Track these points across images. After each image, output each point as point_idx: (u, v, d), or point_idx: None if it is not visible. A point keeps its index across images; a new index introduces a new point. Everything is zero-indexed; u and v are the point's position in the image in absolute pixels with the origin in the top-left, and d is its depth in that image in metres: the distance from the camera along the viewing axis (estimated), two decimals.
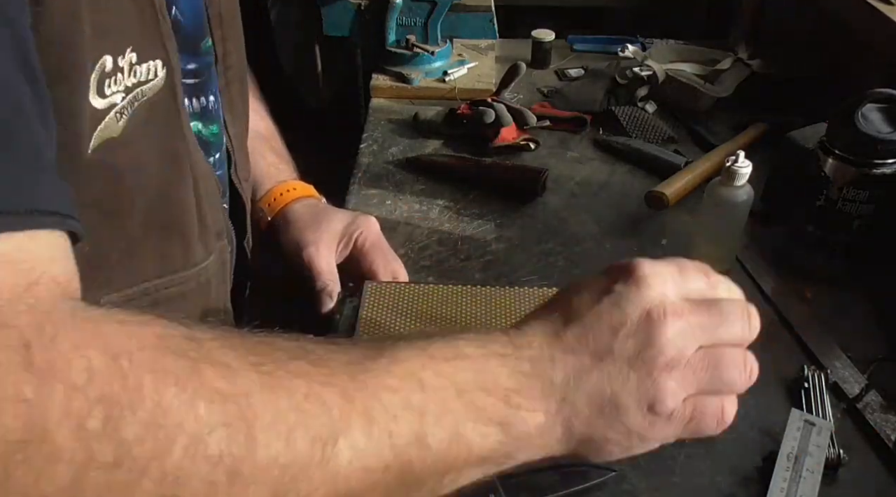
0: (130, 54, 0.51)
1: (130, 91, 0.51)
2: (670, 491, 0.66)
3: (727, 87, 1.25)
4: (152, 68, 0.53)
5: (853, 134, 0.83)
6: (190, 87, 0.64)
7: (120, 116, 0.51)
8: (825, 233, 0.88)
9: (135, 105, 0.52)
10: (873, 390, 0.75)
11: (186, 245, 0.61)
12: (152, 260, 0.59)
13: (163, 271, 0.60)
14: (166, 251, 0.60)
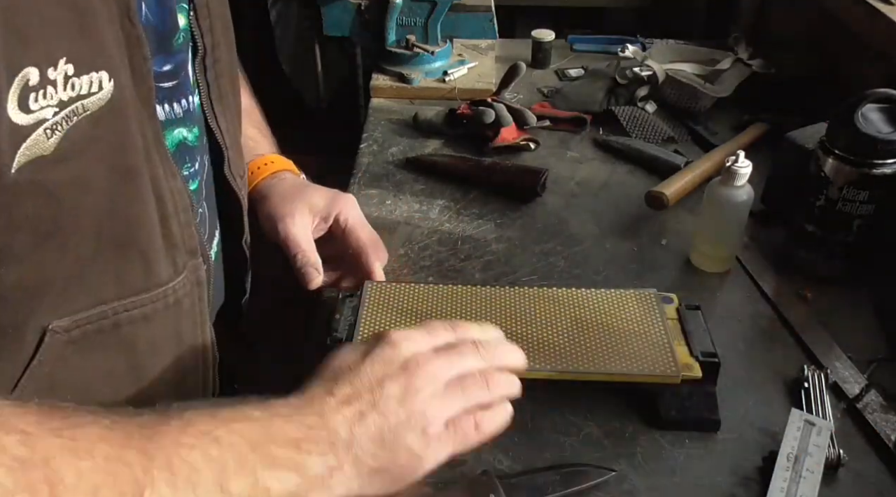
0: (65, 66, 0.47)
1: (66, 106, 0.48)
2: (670, 491, 0.66)
3: (727, 87, 1.25)
4: (95, 81, 0.49)
5: (853, 134, 0.83)
6: (167, 92, 0.62)
7: (51, 133, 0.47)
8: (825, 233, 0.88)
9: (73, 120, 0.49)
10: (873, 390, 0.75)
11: (147, 264, 0.59)
12: (108, 281, 0.56)
13: (121, 293, 0.57)
14: (124, 271, 0.57)
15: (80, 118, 0.49)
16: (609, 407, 0.74)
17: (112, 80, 0.51)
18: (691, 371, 0.71)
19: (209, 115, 0.69)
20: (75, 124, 0.49)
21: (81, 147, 0.50)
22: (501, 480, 0.63)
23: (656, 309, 0.78)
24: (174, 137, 0.64)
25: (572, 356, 0.73)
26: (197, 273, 0.65)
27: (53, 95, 0.47)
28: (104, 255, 0.55)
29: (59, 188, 0.50)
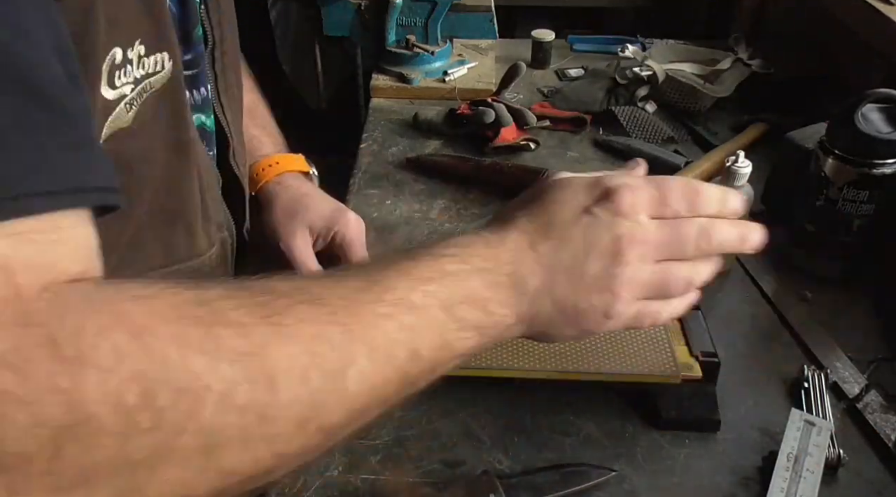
0: (139, 46, 0.52)
1: (139, 83, 0.52)
2: (670, 491, 0.66)
3: (727, 87, 1.25)
4: (159, 60, 0.54)
5: (853, 134, 0.83)
6: (188, 79, 0.65)
7: (130, 107, 0.52)
8: (825, 233, 0.88)
9: (143, 96, 0.53)
10: (873, 390, 0.75)
11: (190, 235, 0.62)
12: (158, 248, 0.60)
13: (168, 260, 0.61)
14: (171, 240, 0.61)
15: (148, 95, 0.53)
16: (609, 407, 0.74)
17: (171, 60, 0.55)
18: (691, 371, 0.71)
19: (216, 105, 0.71)
20: (146, 100, 0.53)
21: (148, 122, 0.54)
22: (501, 480, 0.64)
23: None
24: (196, 122, 0.67)
25: (572, 356, 0.73)
26: (224, 246, 0.69)
27: (131, 73, 0.51)
28: (157, 224, 0.58)
29: (131, 159, 0.53)
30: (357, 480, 0.67)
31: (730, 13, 1.72)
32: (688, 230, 0.54)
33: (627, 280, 0.52)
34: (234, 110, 0.75)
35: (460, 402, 0.74)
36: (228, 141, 0.74)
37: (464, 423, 0.72)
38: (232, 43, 0.73)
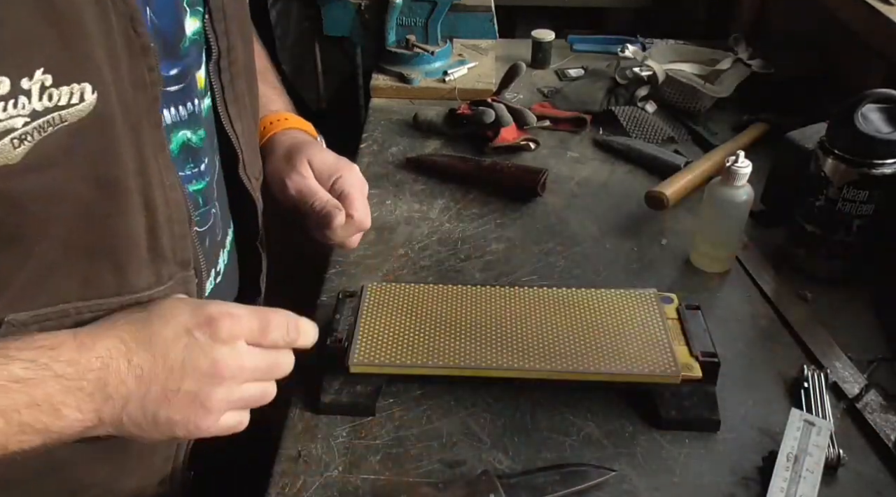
0: (42, 76, 0.47)
1: (40, 116, 0.48)
2: (670, 491, 0.66)
3: (727, 87, 1.25)
4: (76, 92, 0.49)
5: (853, 134, 0.83)
6: (173, 95, 0.62)
7: (19, 142, 0.47)
8: (825, 233, 0.88)
9: (48, 130, 0.48)
10: (873, 390, 0.75)
11: (121, 272, 0.58)
12: (74, 285, 0.56)
13: (86, 295, 0.57)
14: (92, 277, 0.57)
15: (56, 129, 0.49)
16: (609, 407, 0.74)
17: (96, 92, 0.50)
18: (691, 371, 0.71)
19: (223, 118, 0.69)
20: (50, 134, 0.49)
21: (55, 158, 0.50)
22: (501, 480, 0.64)
23: (656, 309, 0.78)
24: (178, 139, 0.64)
25: (572, 356, 0.73)
26: (186, 285, 0.65)
27: (26, 105, 0.47)
28: (72, 261, 0.55)
29: (24, 197, 0.50)
30: (357, 480, 0.67)
31: (730, 13, 1.72)
32: (279, 360, 0.60)
33: (220, 399, 0.56)
34: (244, 121, 0.73)
35: (460, 402, 0.74)
36: (238, 154, 0.72)
37: (464, 423, 0.72)
38: (243, 52, 0.71)
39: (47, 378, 0.50)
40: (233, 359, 0.56)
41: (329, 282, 0.91)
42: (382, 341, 0.74)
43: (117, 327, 0.54)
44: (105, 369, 0.52)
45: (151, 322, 0.55)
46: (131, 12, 0.52)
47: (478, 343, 0.74)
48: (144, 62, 0.54)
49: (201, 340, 0.55)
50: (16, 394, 0.49)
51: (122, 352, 0.53)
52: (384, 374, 0.73)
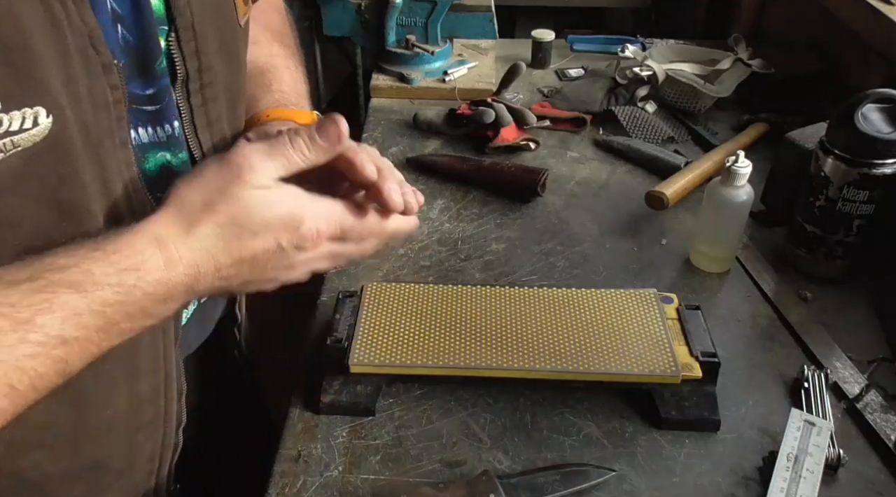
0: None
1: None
2: (670, 491, 0.66)
3: (727, 87, 1.25)
4: (29, 116, 0.48)
5: (853, 134, 0.83)
6: (149, 115, 0.60)
7: None
8: (825, 233, 0.88)
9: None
10: (873, 390, 0.75)
11: None
12: None
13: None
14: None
15: (7, 155, 0.48)
16: (609, 407, 0.74)
17: (51, 116, 0.49)
18: (691, 371, 0.71)
19: (192, 142, 0.65)
20: (2, 161, 0.48)
21: (8, 184, 0.49)
22: (501, 480, 0.64)
23: (656, 309, 0.78)
24: (156, 160, 0.62)
25: (572, 356, 0.73)
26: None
27: None
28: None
29: None
30: (357, 480, 0.67)
31: (730, 13, 1.72)
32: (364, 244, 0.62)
33: (302, 259, 0.58)
34: (219, 147, 0.68)
35: (460, 402, 0.74)
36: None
37: (464, 423, 0.72)
38: (226, 73, 0.67)
39: (139, 297, 0.52)
40: (310, 256, 0.58)
41: (329, 282, 0.91)
42: (382, 341, 0.74)
43: (209, 239, 0.54)
44: (194, 279, 0.54)
45: (242, 235, 0.55)
46: (89, 30, 0.51)
47: (478, 343, 0.74)
48: (106, 80, 0.53)
49: (288, 249, 0.57)
50: (112, 314, 0.51)
51: (211, 267, 0.54)
52: (384, 374, 0.73)
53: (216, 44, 0.65)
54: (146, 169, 0.61)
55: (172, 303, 0.54)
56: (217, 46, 0.65)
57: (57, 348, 0.49)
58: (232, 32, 0.68)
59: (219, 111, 0.67)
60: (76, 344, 0.50)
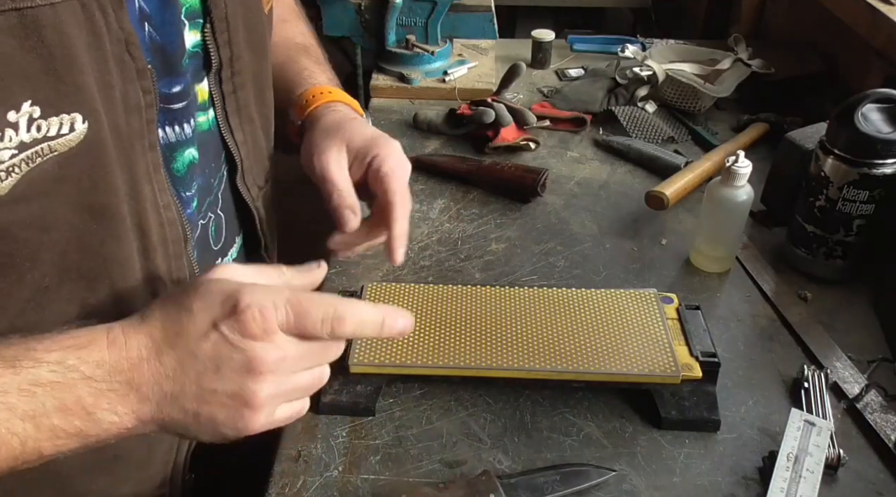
0: (30, 108, 0.47)
1: (28, 148, 0.48)
2: (670, 491, 0.66)
3: (727, 87, 1.25)
4: (65, 122, 0.49)
5: (853, 134, 0.83)
6: (176, 113, 0.61)
7: (6, 175, 0.47)
8: (825, 233, 0.88)
9: (36, 161, 0.48)
10: (873, 390, 0.75)
11: (117, 294, 0.57)
12: (72, 307, 0.56)
13: (86, 315, 0.56)
14: (88, 300, 0.56)
15: (45, 159, 0.49)
16: (609, 407, 0.74)
17: (86, 121, 0.50)
18: (691, 371, 0.71)
19: (223, 128, 0.68)
20: (39, 165, 0.48)
21: (44, 187, 0.49)
22: (501, 480, 0.64)
23: (656, 309, 0.78)
24: (185, 159, 0.63)
25: (572, 356, 0.73)
26: None
27: (13, 138, 0.47)
28: (68, 285, 0.54)
29: (13, 227, 0.49)
30: (357, 480, 0.67)
31: (730, 13, 1.72)
32: (327, 348, 0.54)
33: (266, 396, 0.51)
34: (248, 131, 0.71)
35: (460, 402, 0.74)
36: (238, 163, 0.71)
37: (464, 423, 0.72)
38: (252, 58, 0.69)
39: (76, 380, 0.48)
40: (269, 353, 0.50)
41: (329, 282, 0.91)
42: (382, 341, 0.74)
43: (150, 321, 0.51)
44: (136, 370, 0.49)
45: (180, 316, 0.51)
46: (126, 36, 0.52)
47: (478, 343, 0.74)
48: (139, 85, 0.54)
49: (230, 336, 0.50)
50: (43, 397, 0.47)
51: (153, 350, 0.50)
52: (384, 374, 0.73)
53: (245, 33, 0.67)
54: (174, 169, 0.62)
55: (114, 402, 0.49)
56: (246, 35, 0.67)
57: None
58: (259, 20, 0.70)
59: (247, 97, 0.70)
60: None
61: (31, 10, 0.46)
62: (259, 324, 0.50)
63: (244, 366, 0.50)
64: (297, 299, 0.51)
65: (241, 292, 0.51)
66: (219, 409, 0.51)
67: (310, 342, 0.53)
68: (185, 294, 0.52)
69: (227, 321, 0.50)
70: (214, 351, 0.50)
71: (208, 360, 0.50)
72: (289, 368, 0.52)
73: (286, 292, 0.52)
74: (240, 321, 0.50)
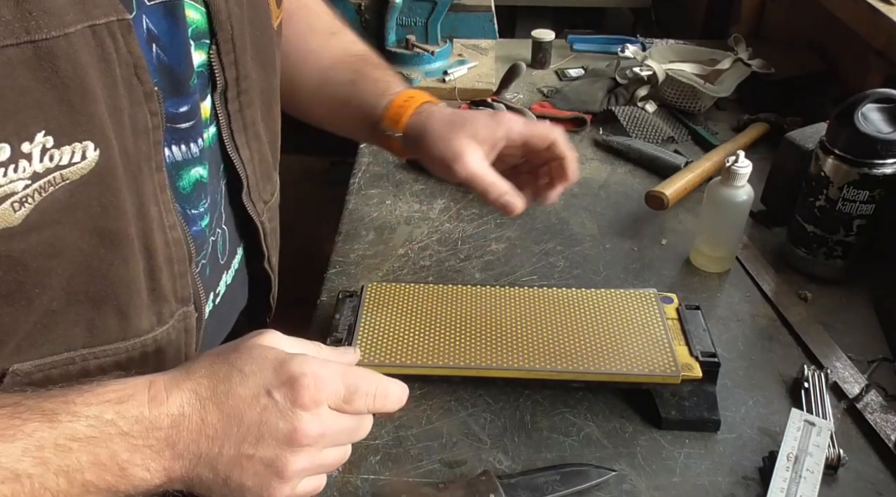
0: (43, 138, 0.47)
1: (41, 177, 0.47)
2: (670, 491, 0.66)
3: (727, 87, 1.25)
4: (77, 151, 0.49)
5: (853, 134, 0.83)
6: (183, 133, 0.61)
7: (20, 205, 0.47)
8: (825, 233, 0.88)
9: (48, 190, 0.48)
10: (873, 390, 0.75)
11: (124, 317, 0.57)
12: (78, 332, 0.55)
13: (92, 341, 0.56)
14: (97, 323, 0.56)
15: (57, 188, 0.49)
16: (609, 407, 0.74)
17: (98, 149, 0.50)
18: (691, 371, 0.71)
19: (229, 146, 0.67)
20: (51, 194, 0.48)
21: (55, 216, 0.49)
22: (501, 480, 0.64)
23: (656, 309, 0.78)
24: (191, 177, 0.63)
25: (572, 356, 0.73)
26: (186, 321, 0.63)
27: (27, 168, 0.47)
28: (75, 309, 0.54)
29: (25, 256, 0.49)
30: (357, 480, 0.67)
31: (730, 13, 1.72)
32: (362, 424, 0.56)
33: (297, 468, 0.52)
34: (255, 148, 0.70)
35: (460, 402, 0.74)
36: (244, 179, 0.70)
37: (464, 423, 0.72)
38: (261, 78, 0.69)
39: (113, 436, 0.48)
40: (314, 426, 0.51)
41: (329, 282, 0.91)
42: (382, 341, 0.74)
43: (195, 378, 0.51)
44: (175, 428, 0.49)
45: (231, 377, 0.51)
46: (135, 60, 0.51)
47: (477, 343, 0.74)
48: (147, 107, 0.53)
49: (281, 404, 0.50)
50: (79, 453, 0.47)
51: (196, 408, 0.50)
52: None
53: (253, 52, 0.66)
54: (180, 187, 0.62)
55: (148, 458, 0.49)
56: (253, 54, 0.67)
57: (5, 483, 0.45)
58: (267, 37, 0.70)
59: (254, 115, 0.69)
60: (28, 483, 0.46)
61: (46, 42, 0.45)
62: (312, 394, 0.51)
63: (287, 435, 0.51)
64: (348, 372, 0.53)
65: (295, 361, 0.52)
66: (250, 475, 0.51)
67: (349, 417, 0.54)
68: (237, 354, 0.53)
69: (282, 389, 0.51)
70: (262, 416, 0.50)
71: (253, 425, 0.50)
72: (324, 444, 0.53)
73: (336, 365, 0.54)
74: (294, 389, 0.50)
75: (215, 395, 0.51)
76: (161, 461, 0.49)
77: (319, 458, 0.53)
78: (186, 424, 0.50)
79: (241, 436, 0.50)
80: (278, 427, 0.50)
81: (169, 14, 0.56)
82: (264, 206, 0.76)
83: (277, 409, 0.50)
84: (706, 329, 0.76)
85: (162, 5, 0.55)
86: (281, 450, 0.51)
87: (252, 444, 0.50)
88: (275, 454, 0.51)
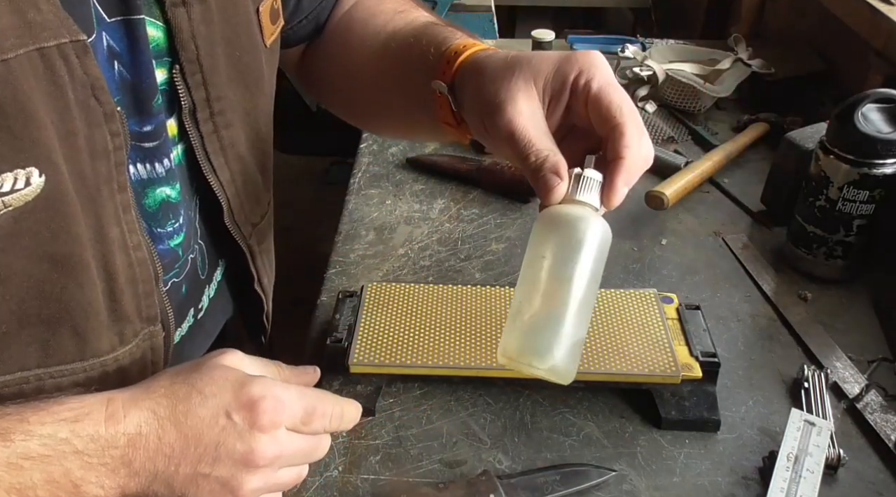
0: None
1: None
2: (670, 491, 0.66)
3: (727, 87, 1.25)
4: (21, 177, 0.47)
5: (853, 134, 0.83)
6: (148, 152, 0.59)
7: None
8: (825, 233, 0.88)
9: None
10: (873, 390, 0.75)
11: (81, 338, 0.56)
12: (32, 352, 0.54)
13: (47, 362, 0.55)
14: (50, 344, 0.55)
15: (1, 214, 0.48)
16: (609, 407, 0.74)
17: (43, 175, 0.48)
18: (691, 371, 0.71)
19: (205, 168, 0.65)
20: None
21: (3, 240, 0.48)
22: (501, 480, 0.64)
23: (656, 309, 0.78)
24: (157, 196, 0.62)
25: None
26: (152, 340, 0.62)
27: None
28: (27, 331, 0.53)
29: None
30: (357, 480, 0.67)
31: (730, 13, 1.72)
32: (319, 444, 0.58)
33: (253, 488, 0.53)
34: (236, 170, 0.68)
35: (460, 402, 0.74)
36: (226, 201, 0.68)
37: (464, 423, 0.72)
38: (240, 99, 0.66)
39: (67, 454, 0.48)
40: (270, 448, 0.52)
41: (329, 282, 0.91)
42: (382, 341, 0.74)
43: (154, 397, 0.52)
44: (132, 447, 0.50)
45: (191, 397, 0.52)
46: (92, 81, 0.50)
47: (478, 343, 0.74)
48: (107, 128, 0.52)
49: (240, 426, 0.52)
50: (31, 471, 0.47)
51: (154, 428, 0.50)
52: (384, 374, 0.73)
53: (230, 72, 0.64)
54: (146, 205, 0.60)
55: (102, 476, 0.49)
56: (231, 74, 0.65)
57: None
58: (253, 57, 0.67)
59: (234, 136, 0.67)
60: None
61: None
62: (270, 417, 0.52)
63: (244, 456, 0.52)
64: (305, 394, 0.55)
65: (255, 384, 0.53)
66: (206, 493, 0.52)
67: (306, 438, 0.56)
68: (199, 374, 0.53)
69: (241, 411, 0.52)
70: (220, 438, 0.51)
71: (211, 446, 0.51)
72: (281, 464, 0.54)
73: (295, 387, 0.55)
74: (253, 412, 0.52)
75: (174, 414, 0.51)
76: (116, 479, 0.50)
77: (274, 478, 0.55)
78: (143, 443, 0.50)
79: (199, 456, 0.51)
80: (235, 448, 0.52)
81: (129, 31, 0.55)
82: (252, 229, 0.74)
83: (236, 431, 0.52)
84: (706, 329, 0.76)
85: (122, 22, 0.54)
86: (237, 470, 0.52)
87: (209, 463, 0.51)
88: (230, 474, 0.52)
